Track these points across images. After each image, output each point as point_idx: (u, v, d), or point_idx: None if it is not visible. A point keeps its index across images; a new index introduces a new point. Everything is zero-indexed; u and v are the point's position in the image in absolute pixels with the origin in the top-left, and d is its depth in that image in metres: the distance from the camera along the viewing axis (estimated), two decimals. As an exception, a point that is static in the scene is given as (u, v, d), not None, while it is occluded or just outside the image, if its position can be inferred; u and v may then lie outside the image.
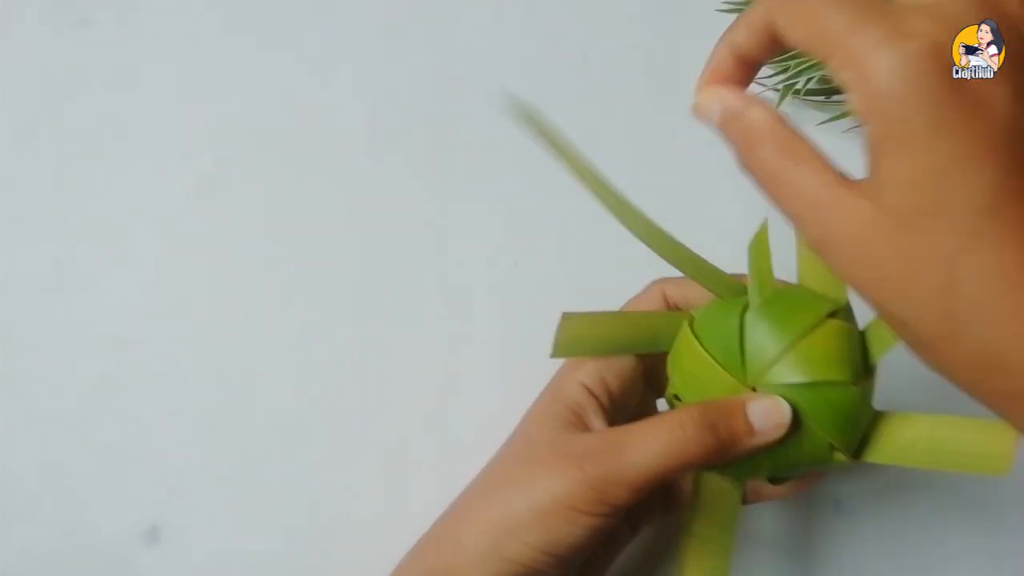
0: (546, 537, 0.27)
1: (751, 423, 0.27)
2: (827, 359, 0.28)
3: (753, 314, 0.29)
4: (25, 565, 0.38)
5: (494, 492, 0.29)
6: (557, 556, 0.27)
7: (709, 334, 0.29)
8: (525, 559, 0.27)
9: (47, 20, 0.44)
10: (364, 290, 0.41)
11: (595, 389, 0.30)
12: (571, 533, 0.27)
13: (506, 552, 0.27)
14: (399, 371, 0.40)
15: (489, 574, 0.27)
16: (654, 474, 0.27)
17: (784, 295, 0.29)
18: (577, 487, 0.27)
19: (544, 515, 0.27)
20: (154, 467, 0.39)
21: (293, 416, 0.40)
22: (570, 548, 0.27)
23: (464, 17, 0.45)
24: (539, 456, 0.29)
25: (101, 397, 0.40)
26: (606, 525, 0.27)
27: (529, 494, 0.28)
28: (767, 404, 0.27)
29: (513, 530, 0.27)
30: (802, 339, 0.28)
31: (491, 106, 0.45)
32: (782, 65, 0.40)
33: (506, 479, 0.29)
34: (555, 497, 0.27)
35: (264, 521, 0.39)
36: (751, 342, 0.28)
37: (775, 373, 0.28)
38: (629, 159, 0.34)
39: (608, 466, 0.27)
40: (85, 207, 0.42)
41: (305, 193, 0.43)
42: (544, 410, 0.31)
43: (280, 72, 0.44)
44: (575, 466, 0.27)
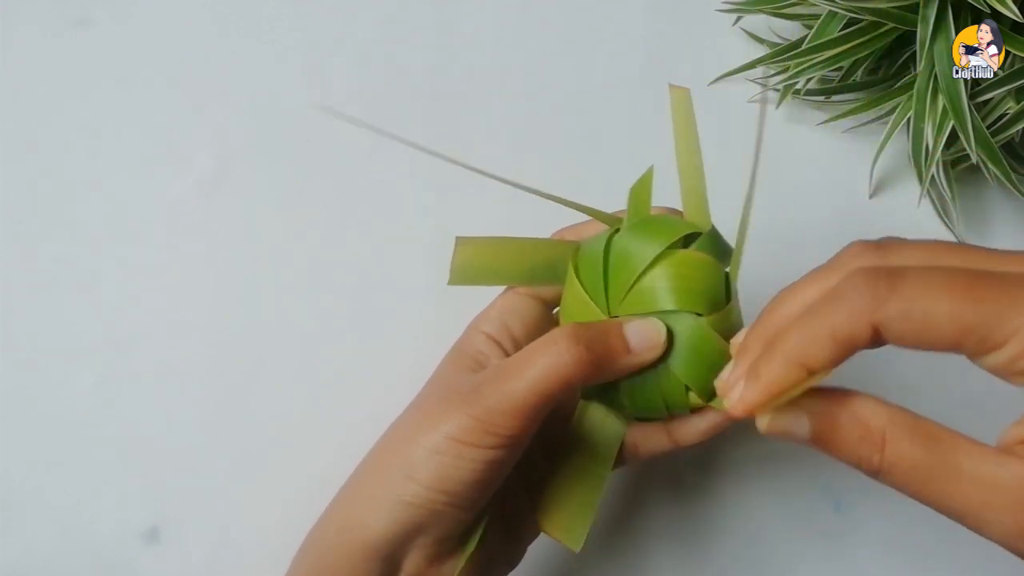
0: (438, 473, 0.27)
1: (628, 341, 0.28)
2: (676, 289, 0.28)
3: (618, 238, 0.29)
4: (25, 565, 0.38)
5: (397, 441, 0.30)
6: (451, 493, 0.28)
7: (584, 263, 0.30)
8: (421, 500, 0.28)
9: (47, 20, 0.44)
10: (364, 289, 0.41)
11: (498, 336, 0.31)
12: (462, 467, 0.27)
13: (404, 495, 0.28)
14: (399, 371, 0.40)
15: (391, 520, 0.28)
16: (536, 397, 0.27)
17: (649, 221, 0.29)
18: (464, 420, 0.27)
19: (435, 453, 0.27)
20: (154, 467, 0.39)
21: (293, 416, 0.40)
22: (462, 484, 0.28)
23: (464, 17, 0.45)
24: (435, 400, 0.29)
25: (101, 397, 0.40)
26: (500, 458, 0.28)
27: (423, 436, 0.28)
28: (643, 323, 0.28)
29: (407, 470, 0.28)
30: (652, 267, 0.28)
31: (490, 106, 0.45)
32: (782, 65, 0.40)
33: (407, 426, 0.30)
34: (445, 435, 0.27)
35: (264, 521, 0.39)
36: (612, 268, 0.29)
37: (628, 303, 0.28)
38: (629, 158, 0.34)
39: (492, 396, 0.27)
40: (85, 207, 0.42)
41: (305, 193, 0.43)
42: (448, 361, 0.32)
43: (280, 71, 0.44)
44: (462, 401, 0.28)
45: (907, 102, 0.40)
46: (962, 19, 0.37)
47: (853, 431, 0.22)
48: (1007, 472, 0.20)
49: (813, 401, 0.23)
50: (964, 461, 0.21)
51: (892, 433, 0.21)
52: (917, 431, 0.21)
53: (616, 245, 0.29)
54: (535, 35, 0.45)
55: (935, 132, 0.38)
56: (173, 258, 0.42)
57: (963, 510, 0.21)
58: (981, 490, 0.21)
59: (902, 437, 0.21)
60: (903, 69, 0.41)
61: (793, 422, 0.23)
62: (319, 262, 0.42)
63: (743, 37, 0.45)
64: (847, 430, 0.22)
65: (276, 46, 0.45)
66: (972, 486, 0.21)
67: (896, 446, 0.21)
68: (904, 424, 0.22)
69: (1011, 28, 0.37)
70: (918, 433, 0.21)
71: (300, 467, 0.39)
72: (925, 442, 0.21)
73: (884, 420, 0.22)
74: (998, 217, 0.44)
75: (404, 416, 0.31)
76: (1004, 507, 0.20)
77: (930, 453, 0.21)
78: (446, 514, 0.28)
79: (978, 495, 0.21)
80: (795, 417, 0.23)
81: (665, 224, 0.29)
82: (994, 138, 0.38)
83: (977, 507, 0.21)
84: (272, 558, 0.38)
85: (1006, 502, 0.20)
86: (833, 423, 0.22)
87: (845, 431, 0.22)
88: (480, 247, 0.30)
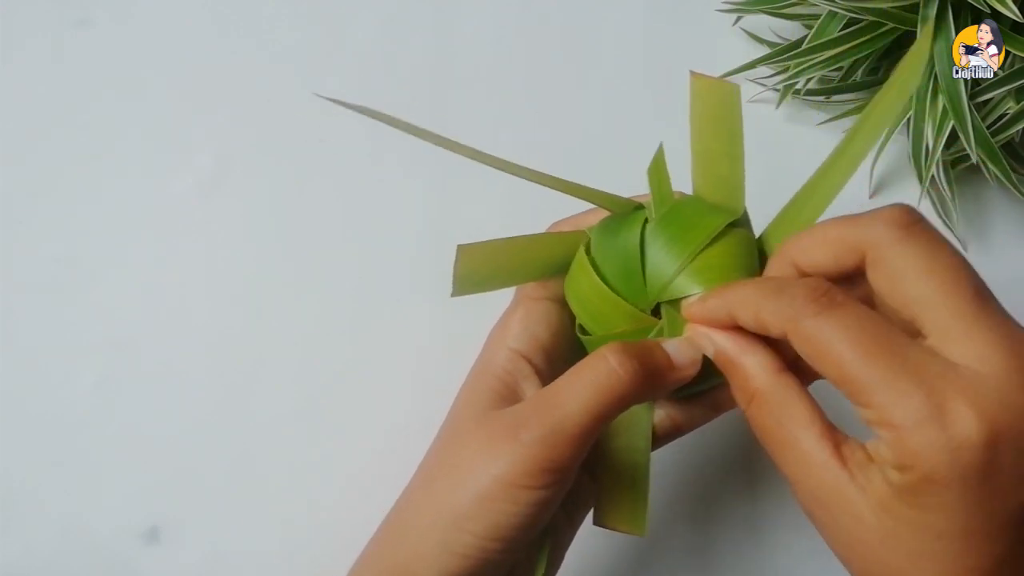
0: (491, 522, 0.26)
1: (670, 358, 0.27)
2: (725, 267, 0.28)
3: (652, 229, 0.28)
4: (25, 565, 0.38)
5: (435, 482, 0.28)
6: (504, 540, 0.26)
7: (606, 255, 0.29)
8: (474, 551, 0.26)
9: (47, 20, 0.44)
10: (364, 289, 0.41)
11: (525, 349, 0.29)
12: (516, 513, 0.26)
13: (455, 547, 0.26)
14: (399, 371, 0.40)
15: (441, 570, 0.26)
16: (592, 419, 0.26)
17: (682, 208, 0.29)
18: (517, 461, 0.25)
19: (487, 500, 0.26)
20: (154, 467, 0.39)
21: (293, 416, 0.40)
22: (516, 529, 0.26)
23: (464, 17, 0.46)
24: (472, 438, 0.27)
25: (101, 397, 0.40)
26: (554, 496, 0.26)
27: (470, 482, 0.26)
28: (679, 343, 0.27)
29: (458, 522, 0.26)
30: (701, 251, 0.28)
31: (490, 106, 0.45)
32: (782, 65, 0.41)
33: (443, 467, 0.28)
34: (495, 479, 0.25)
35: (264, 521, 0.39)
36: (651, 259, 0.28)
37: (676, 287, 0.27)
38: (629, 158, 0.34)
39: (545, 426, 0.25)
40: (85, 207, 0.42)
41: (305, 193, 0.43)
42: (472, 387, 0.29)
43: (280, 71, 0.44)
44: (510, 439, 0.26)
45: (907, 102, 0.40)
46: (962, 19, 0.37)
47: (740, 376, 0.26)
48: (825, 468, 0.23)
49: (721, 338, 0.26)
50: (804, 439, 0.23)
51: (759, 399, 0.25)
52: (780, 407, 0.24)
53: (652, 234, 0.28)
54: (535, 35, 0.45)
55: (935, 132, 0.38)
56: (173, 258, 0.42)
57: (787, 478, 0.24)
58: (799, 469, 0.24)
59: (762, 405, 0.25)
60: (903, 69, 0.41)
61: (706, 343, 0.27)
62: (319, 262, 0.42)
63: (743, 37, 0.45)
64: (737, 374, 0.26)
65: (276, 46, 0.45)
66: (796, 462, 0.24)
67: (758, 408, 0.25)
68: (773, 397, 0.24)
69: (1011, 28, 0.37)
70: (780, 410, 0.24)
71: (300, 467, 0.39)
72: (780, 418, 0.24)
73: (759, 384, 0.25)
74: (998, 217, 0.44)
75: (436, 452, 0.29)
76: (808, 491, 0.23)
77: (779, 428, 0.24)
78: (499, 560, 0.27)
79: (796, 471, 0.24)
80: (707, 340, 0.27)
81: (702, 210, 0.29)
82: (994, 138, 0.38)
83: (792, 481, 0.24)
84: (271, 558, 0.38)
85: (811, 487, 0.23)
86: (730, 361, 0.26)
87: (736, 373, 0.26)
88: (483, 252, 0.28)
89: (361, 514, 0.39)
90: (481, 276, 0.28)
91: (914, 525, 0.22)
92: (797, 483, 0.24)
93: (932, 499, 0.21)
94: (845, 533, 0.23)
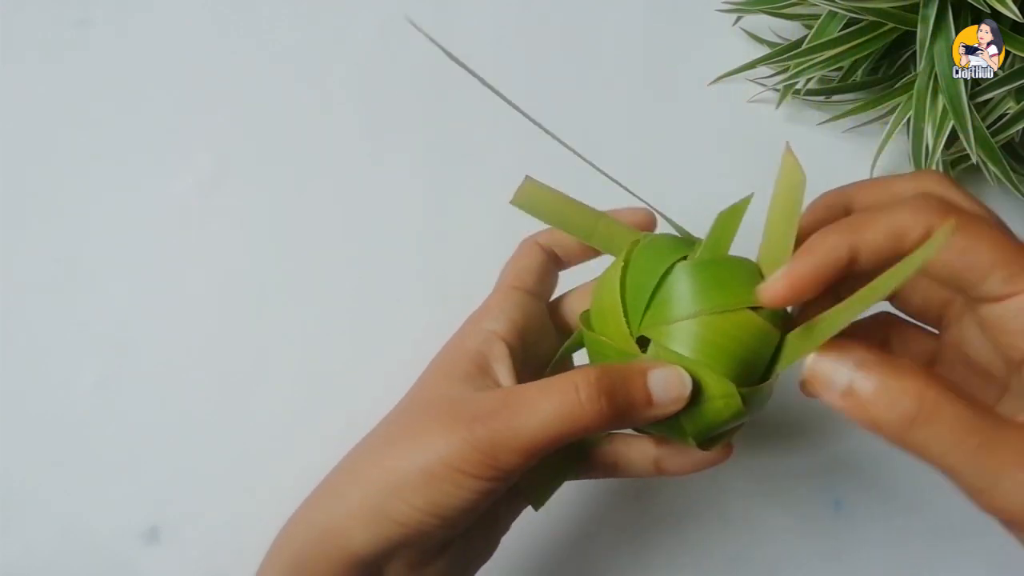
0: (432, 499, 0.26)
1: (650, 393, 0.26)
2: (721, 347, 0.26)
3: (684, 266, 0.27)
4: (25, 565, 0.38)
5: (383, 449, 0.28)
6: (443, 518, 0.27)
7: (637, 267, 0.28)
8: (410, 520, 0.26)
9: (47, 20, 0.44)
10: (363, 289, 0.41)
11: (501, 331, 0.30)
12: (457, 496, 0.26)
13: (391, 513, 0.26)
14: (399, 371, 0.40)
15: (373, 534, 0.27)
16: (544, 439, 0.26)
17: (728, 265, 0.27)
18: (465, 449, 0.26)
19: (430, 477, 0.26)
20: (154, 467, 0.39)
21: (293, 416, 0.40)
22: (456, 510, 0.26)
23: (464, 17, 0.45)
24: (431, 414, 0.28)
25: (101, 397, 0.40)
26: (495, 488, 0.27)
27: (416, 454, 0.26)
28: (668, 373, 0.26)
29: (399, 490, 0.26)
30: (710, 314, 0.26)
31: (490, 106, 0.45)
32: (782, 65, 0.40)
33: (396, 436, 0.28)
34: (442, 459, 0.26)
35: (264, 521, 0.39)
36: (666, 291, 0.27)
37: (667, 333, 0.26)
38: (629, 156, 0.34)
39: (498, 430, 0.26)
40: (85, 207, 0.42)
41: (304, 193, 0.43)
42: (444, 361, 0.30)
43: (280, 72, 0.44)
44: (464, 428, 0.26)
45: (907, 102, 0.40)
46: (962, 19, 0.37)
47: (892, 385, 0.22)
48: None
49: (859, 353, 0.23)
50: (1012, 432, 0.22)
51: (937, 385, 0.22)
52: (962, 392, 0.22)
53: (682, 270, 0.27)
54: (535, 35, 0.45)
55: (935, 132, 0.38)
56: (173, 258, 0.42)
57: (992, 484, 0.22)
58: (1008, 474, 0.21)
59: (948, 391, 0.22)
60: (903, 69, 0.41)
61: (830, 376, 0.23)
62: (319, 261, 0.42)
63: (743, 37, 0.45)
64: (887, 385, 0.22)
65: (276, 46, 0.45)
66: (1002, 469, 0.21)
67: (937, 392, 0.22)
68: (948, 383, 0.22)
69: (1011, 28, 0.37)
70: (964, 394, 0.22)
71: (299, 467, 0.39)
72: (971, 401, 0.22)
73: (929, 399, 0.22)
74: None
75: (393, 420, 0.30)
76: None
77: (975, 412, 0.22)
78: (435, 534, 0.27)
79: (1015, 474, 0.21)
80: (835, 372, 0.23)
81: (742, 272, 0.27)
82: (994, 138, 0.38)
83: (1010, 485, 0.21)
84: (272, 558, 0.38)
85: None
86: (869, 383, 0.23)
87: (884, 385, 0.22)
88: (546, 192, 0.30)
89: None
90: (539, 203, 0.30)
91: None
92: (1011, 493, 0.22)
93: None
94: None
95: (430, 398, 0.29)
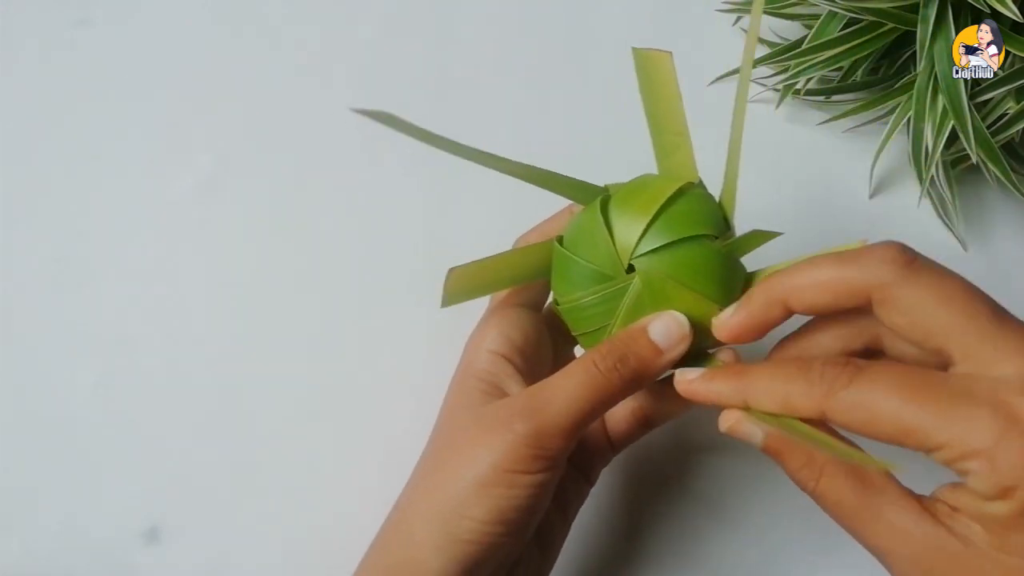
0: (493, 507, 0.27)
1: (655, 343, 0.28)
2: (688, 220, 0.29)
3: (614, 203, 0.30)
4: (25, 565, 0.38)
5: (433, 477, 0.29)
6: (508, 524, 0.27)
7: (577, 240, 0.30)
8: (478, 535, 0.27)
9: (47, 20, 0.44)
10: (363, 289, 0.41)
11: (503, 350, 0.31)
12: (516, 496, 0.27)
13: (459, 534, 0.27)
14: (399, 371, 0.40)
15: (448, 559, 0.27)
16: (581, 415, 0.27)
17: (640, 182, 0.30)
18: (511, 448, 0.27)
19: (486, 486, 0.27)
20: (154, 467, 0.39)
21: (293, 416, 0.40)
22: (519, 511, 0.27)
23: (464, 18, 0.46)
24: (468, 433, 0.29)
25: (101, 397, 0.40)
26: (549, 480, 0.28)
27: (467, 470, 0.27)
28: (664, 320, 0.28)
29: (460, 510, 0.27)
30: (664, 209, 0.29)
31: (490, 106, 0.45)
32: (782, 65, 0.40)
33: (441, 463, 0.29)
34: (492, 465, 0.27)
35: (264, 521, 0.39)
36: (619, 229, 0.29)
37: (644, 244, 0.28)
38: (628, 156, 0.34)
39: (537, 418, 0.27)
40: (85, 207, 0.42)
41: (304, 193, 0.43)
42: (459, 389, 0.31)
43: (279, 72, 0.44)
44: (504, 429, 0.27)
45: (907, 102, 0.40)
46: (962, 19, 0.37)
47: (799, 457, 0.25)
48: (919, 529, 0.23)
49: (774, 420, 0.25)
50: (887, 508, 0.23)
51: (830, 469, 0.24)
52: (852, 473, 0.24)
53: (617, 208, 0.29)
54: (535, 35, 0.45)
55: (935, 132, 0.38)
56: (173, 258, 0.42)
57: (876, 550, 0.24)
58: (892, 538, 0.23)
59: (837, 474, 0.24)
60: (903, 69, 0.41)
61: (751, 431, 0.26)
62: (319, 261, 0.42)
63: (743, 37, 0.45)
64: (795, 455, 0.25)
65: (276, 46, 0.45)
66: (887, 532, 0.23)
67: (831, 481, 0.24)
68: (842, 464, 0.24)
69: (1011, 28, 0.37)
70: (852, 475, 0.24)
71: (300, 467, 0.39)
72: (856, 484, 0.24)
73: (827, 457, 0.24)
74: (998, 217, 0.44)
75: (432, 452, 0.30)
76: (907, 558, 0.23)
77: (857, 495, 0.24)
78: (504, 545, 0.28)
79: (889, 542, 0.23)
80: (753, 428, 0.26)
81: (659, 181, 0.30)
82: (994, 138, 0.38)
83: (886, 552, 0.23)
84: (272, 558, 0.38)
85: (909, 553, 0.23)
86: (784, 445, 0.25)
87: (793, 455, 0.25)
88: (469, 272, 0.31)
89: (360, 513, 0.39)
90: (466, 290, 0.31)
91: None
92: (892, 553, 0.23)
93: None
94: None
95: (459, 423, 0.30)
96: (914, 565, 0.23)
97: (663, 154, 0.31)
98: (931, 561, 0.22)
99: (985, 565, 0.22)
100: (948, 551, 0.22)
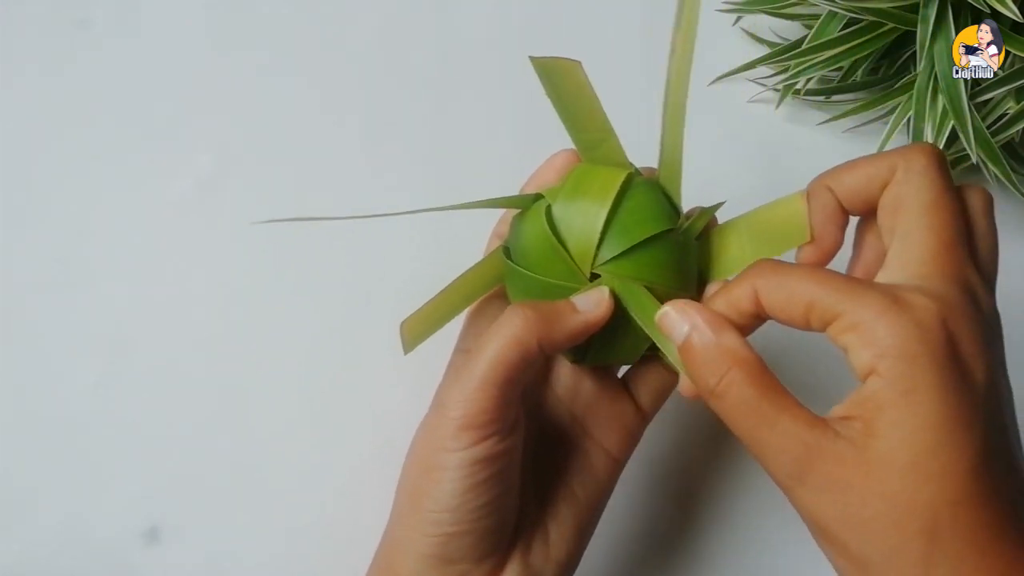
0: (437, 494, 0.27)
1: (572, 303, 0.28)
2: (643, 217, 0.28)
3: (560, 206, 0.29)
4: (25, 565, 0.38)
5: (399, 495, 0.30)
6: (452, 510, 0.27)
7: (528, 252, 0.29)
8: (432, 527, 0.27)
9: (47, 20, 0.44)
10: (364, 289, 0.41)
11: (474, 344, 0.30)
12: (451, 479, 0.27)
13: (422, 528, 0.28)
14: (399, 371, 0.40)
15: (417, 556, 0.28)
16: (495, 366, 0.27)
17: (575, 181, 0.29)
18: (441, 427, 0.27)
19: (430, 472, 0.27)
20: (154, 467, 0.39)
21: (293, 416, 0.40)
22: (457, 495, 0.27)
23: (464, 19, 0.46)
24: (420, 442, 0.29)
25: (101, 397, 0.40)
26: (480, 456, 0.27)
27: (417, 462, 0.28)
28: (587, 293, 0.28)
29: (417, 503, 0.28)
30: (615, 210, 0.28)
31: (489, 106, 0.45)
32: (782, 65, 0.40)
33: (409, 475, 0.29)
34: (433, 451, 0.27)
35: (264, 521, 0.39)
36: (570, 235, 0.28)
37: (604, 252, 0.28)
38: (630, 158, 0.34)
39: (454, 389, 0.27)
40: (85, 207, 0.42)
41: (304, 193, 0.43)
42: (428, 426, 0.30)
43: (279, 73, 0.44)
44: (433, 412, 0.28)
45: (907, 102, 0.40)
46: (962, 19, 0.37)
47: (711, 352, 0.25)
48: (809, 435, 0.23)
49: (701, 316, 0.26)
50: (784, 417, 0.24)
51: (737, 370, 0.25)
52: (759, 378, 0.24)
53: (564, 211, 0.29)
54: (534, 35, 0.45)
55: (935, 132, 0.38)
56: (173, 258, 0.42)
57: (761, 454, 0.24)
58: (784, 440, 0.24)
59: (744, 376, 0.24)
60: (903, 69, 0.41)
61: (677, 325, 0.26)
62: (319, 261, 0.42)
63: (743, 37, 0.45)
64: (708, 350, 0.25)
65: (276, 47, 0.45)
66: (780, 438, 0.24)
67: (734, 376, 0.25)
68: (752, 369, 0.25)
69: (1011, 28, 0.37)
70: (759, 380, 0.24)
71: (300, 467, 0.39)
72: (761, 389, 0.24)
73: (738, 358, 0.25)
74: (998, 217, 0.43)
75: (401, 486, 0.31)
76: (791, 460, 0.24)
77: (760, 399, 0.24)
78: (455, 535, 0.27)
79: (781, 443, 0.24)
80: (681, 322, 0.26)
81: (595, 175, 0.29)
82: (994, 138, 0.38)
83: (773, 454, 0.24)
84: (272, 558, 0.38)
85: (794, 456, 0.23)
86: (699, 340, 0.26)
87: (705, 350, 0.25)
88: (419, 316, 0.31)
89: (359, 513, 0.39)
90: (423, 331, 0.31)
91: (901, 430, 0.22)
92: (779, 456, 0.24)
93: (912, 384, 0.22)
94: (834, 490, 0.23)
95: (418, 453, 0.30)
96: (796, 465, 0.23)
97: (587, 148, 0.31)
98: (811, 461, 0.23)
99: (857, 455, 0.23)
100: (827, 448, 0.23)
